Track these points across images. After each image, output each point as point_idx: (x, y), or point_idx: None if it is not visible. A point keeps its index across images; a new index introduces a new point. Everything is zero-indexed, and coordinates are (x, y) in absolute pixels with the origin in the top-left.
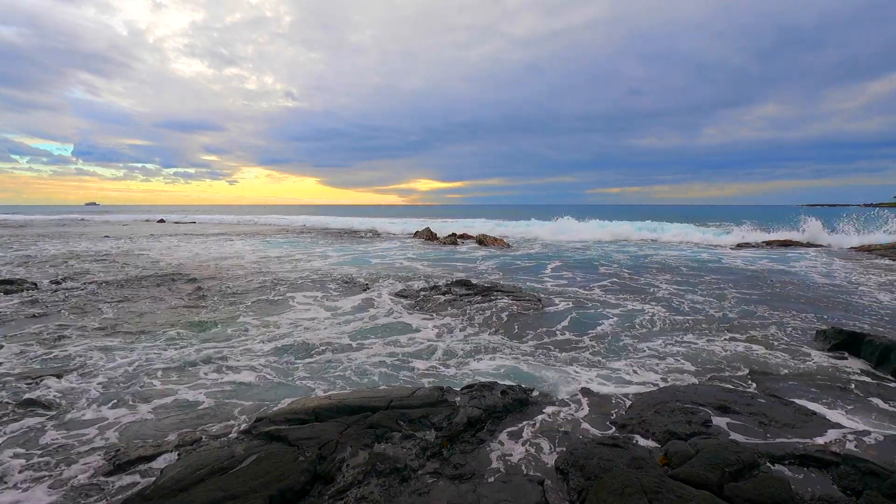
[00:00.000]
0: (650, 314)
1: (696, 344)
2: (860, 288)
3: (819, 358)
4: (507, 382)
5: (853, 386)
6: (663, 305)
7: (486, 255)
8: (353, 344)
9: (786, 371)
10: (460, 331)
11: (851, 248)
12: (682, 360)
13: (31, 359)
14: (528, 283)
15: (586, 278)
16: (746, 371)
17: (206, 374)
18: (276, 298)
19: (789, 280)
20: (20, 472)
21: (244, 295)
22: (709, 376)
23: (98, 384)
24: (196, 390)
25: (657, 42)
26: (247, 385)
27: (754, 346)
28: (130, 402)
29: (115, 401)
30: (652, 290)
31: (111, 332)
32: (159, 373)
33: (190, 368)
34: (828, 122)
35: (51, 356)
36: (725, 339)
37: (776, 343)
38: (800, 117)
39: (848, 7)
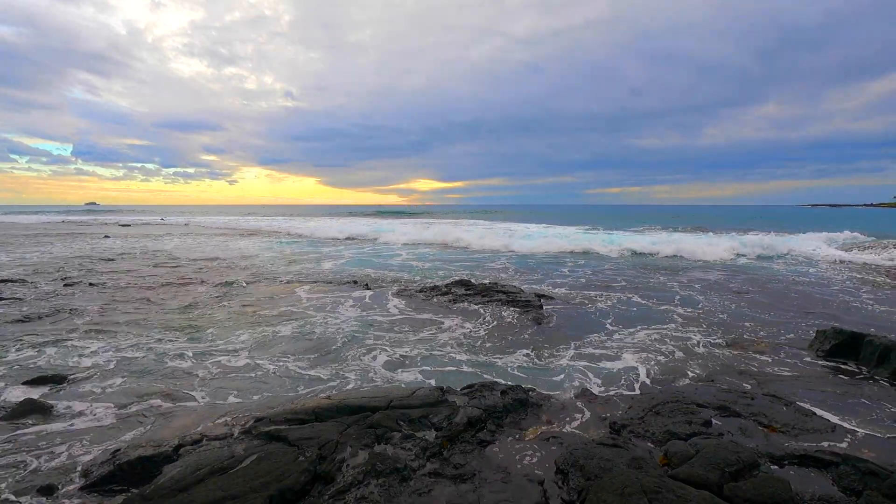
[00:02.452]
0: (651, 315)
1: (697, 345)
2: None
3: (819, 358)
4: (507, 382)
5: (853, 386)
6: (665, 307)
7: (489, 256)
8: (352, 344)
9: (786, 371)
10: (459, 330)
11: None
12: (683, 361)
13: (33, 359)
14: (529, 285)
15: (591, 280)
16: (746, 371)
17: (206, 374)
18: (278, 298)
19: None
20: (20, 473)
21: (247, 294)
22: (709, 376)
23: (98, 384)
24: (197, 389)
25: (658, 41)
26: (247, 385)
27: (754, 347)
28: (131, 402)
29: (116, 400)
30: (657, 291)
31: (113, 332)
32: (161, 372)
33: (191, 368)
34: (829, 121)
35: (54, 357)
36: (726, 340)
37: (776, 343)
38: (801, 117)
39: (850, 7)
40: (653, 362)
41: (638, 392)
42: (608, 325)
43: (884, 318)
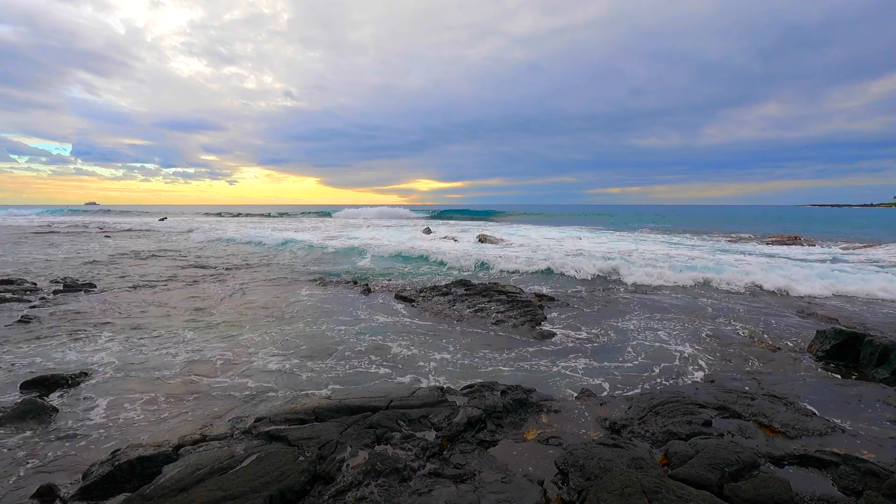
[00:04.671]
0: (651, 314)
1: (696, 345)
2: None
3: (819, 358)
4: (507, 383)
5: (853, 386)
6: (664, 306)
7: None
8: (351, 344)
9: (786, 371)
10: (458, 330)
11: None
12: (682, 361)
13: (33, 360)
14: (529, 284)
15: (592, 280)
16: (747, 371)
17: (206, 374)
18: (279, 298)
19: None
20: (20, 474)
21: (248, 293)
22: (709, 376)
23: (98, 384)
24: (198, 390)
25: (659, 41)
26: (249, 385)
27: (755, 347)
28: (131, 403)
29: (116, 401)
30: (657, 290)
31: (114, 333)
32: (161, 372)
33: (191, 368)
34: (830, 121)
35: (54, 357)
36: (726, 340)
37: (776, 343)
38: (801, 117)
39: (852, 6)
40: (654, 362)
41: (638, 392)
42: (609, 325)
43: None
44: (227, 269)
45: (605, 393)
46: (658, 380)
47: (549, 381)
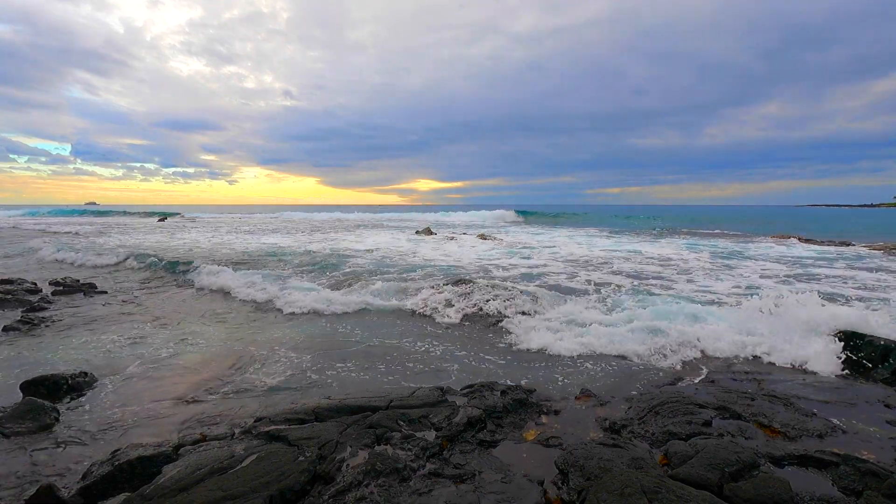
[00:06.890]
0: (650, 312)
1: (696, 345)
2: None
3: (819, 358)
4: (507, 382)
5: (853, 386)
6: (668, 299)
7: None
8: (349, 346)
9: (786, 371)
10: (457, 330)
11: None
12: (682, 361)
13: (35, 360)
14: (526, 283)
15: (590, 277)
16: (747, 371)
17: (207, 374)
18: (275, 295)
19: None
20: (19, 474)
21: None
22: (709, 376)
23: (99, 385)
24: (199, 390)
25: (661, 40)
26: (248, 386)
27: (754, 347)
28: (132, 403)
29: (116, 401)
30: (657, 284)
31: (115, 334)
32: (161, 372)
33: (192, 369)
34: (831, 121)
35: (55, 358)
36: (725, 339)
37: (776, 343)
38: (803, 116)
39: (855, 6)
40: (653, 361)
41: (638, 392)
42: (608, 323)
43: None
44: None
45: (605, 393)
46: (658, 379)
47: (549, 381)
